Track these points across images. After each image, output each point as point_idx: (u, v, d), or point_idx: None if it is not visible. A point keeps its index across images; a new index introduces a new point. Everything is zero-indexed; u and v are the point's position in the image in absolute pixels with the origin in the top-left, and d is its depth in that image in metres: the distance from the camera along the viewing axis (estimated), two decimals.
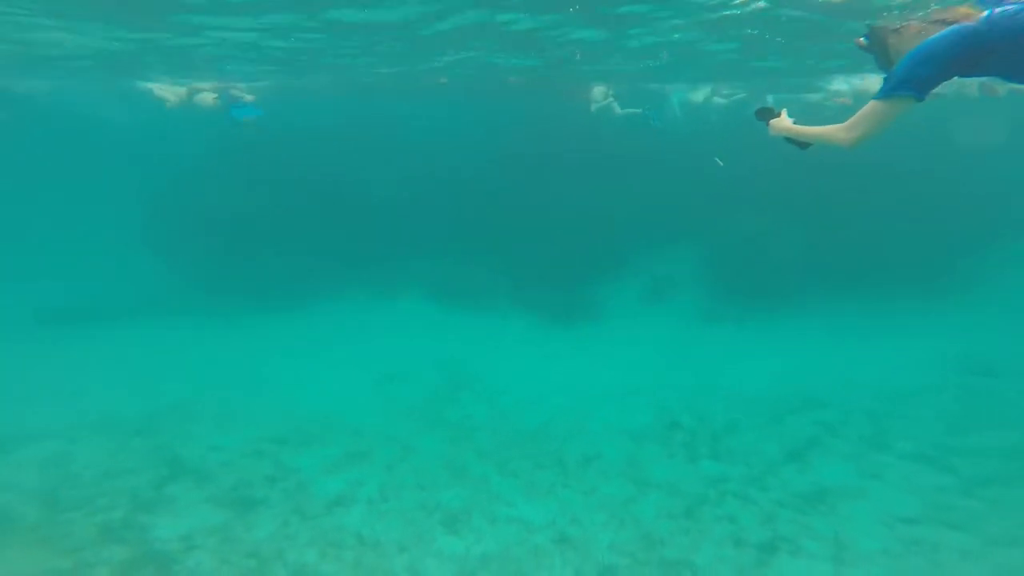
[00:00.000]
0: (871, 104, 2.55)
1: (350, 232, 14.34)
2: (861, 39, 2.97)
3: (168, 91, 11.80)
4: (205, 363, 10.06)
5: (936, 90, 2.58)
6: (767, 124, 3.05)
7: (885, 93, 2.51)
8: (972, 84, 11.33)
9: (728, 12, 8.10)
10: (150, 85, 13.22)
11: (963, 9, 2.55)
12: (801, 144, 2.95)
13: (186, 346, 10.98)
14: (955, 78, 2.57)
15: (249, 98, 9.85)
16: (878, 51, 2.87)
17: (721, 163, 8.56)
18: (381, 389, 9.17)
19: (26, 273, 14.49)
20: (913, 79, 2.47)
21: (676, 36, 9.42)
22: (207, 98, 10.79)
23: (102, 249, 15.85)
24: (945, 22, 2.54)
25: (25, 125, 15.61)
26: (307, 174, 15.09)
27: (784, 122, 2.98)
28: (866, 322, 11.92)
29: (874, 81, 13.16)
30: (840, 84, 14.86)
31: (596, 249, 13.60)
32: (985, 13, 2.46)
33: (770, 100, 18.04)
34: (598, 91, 11.16)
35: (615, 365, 10.39)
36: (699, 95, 16.91)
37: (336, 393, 8.98)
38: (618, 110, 11.33)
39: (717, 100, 16.94)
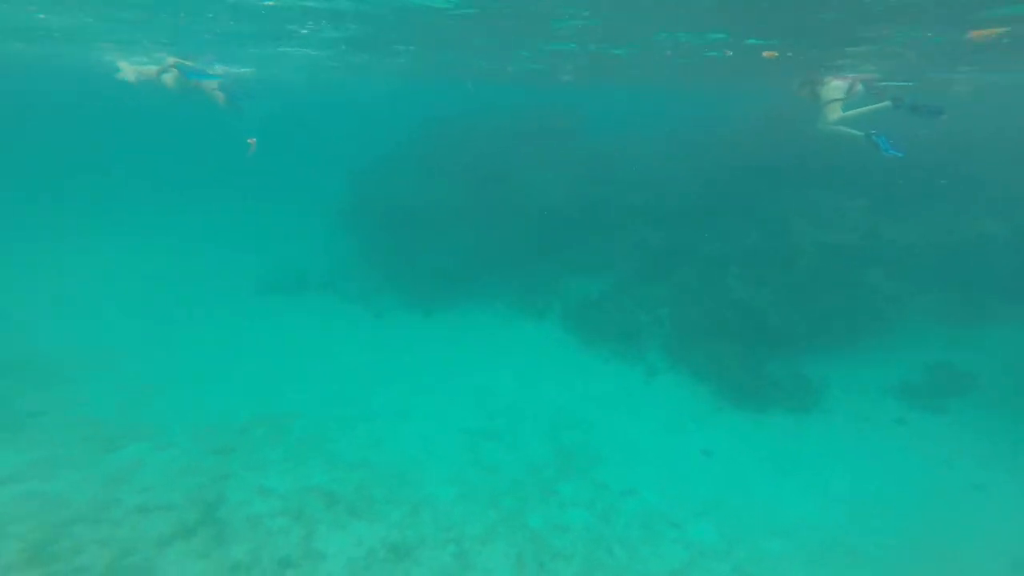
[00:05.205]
0: None
1: (510, 234, 12.77)
2: None
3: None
4: (336, 365, 9.52)
5: None
6: None
7: None
8: None
9: None
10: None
11: None
12: None
13: (334, 337, 10.71)
14: None
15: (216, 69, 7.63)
16: None
17: None
18: (472, 447, 7.22)
19: (252, 248, 16.44)
20: None
21: None
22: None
23: (309, 229, 17.43)
24: None
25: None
26: (481, 171, 14.12)
27: None
28: None
29: None
30: None
31: (824, 301, 9.08)
32: None
33: None
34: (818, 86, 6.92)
35: (827, 492, 6.42)
36: None
37: (425, 439, 7.36)
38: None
39: None
